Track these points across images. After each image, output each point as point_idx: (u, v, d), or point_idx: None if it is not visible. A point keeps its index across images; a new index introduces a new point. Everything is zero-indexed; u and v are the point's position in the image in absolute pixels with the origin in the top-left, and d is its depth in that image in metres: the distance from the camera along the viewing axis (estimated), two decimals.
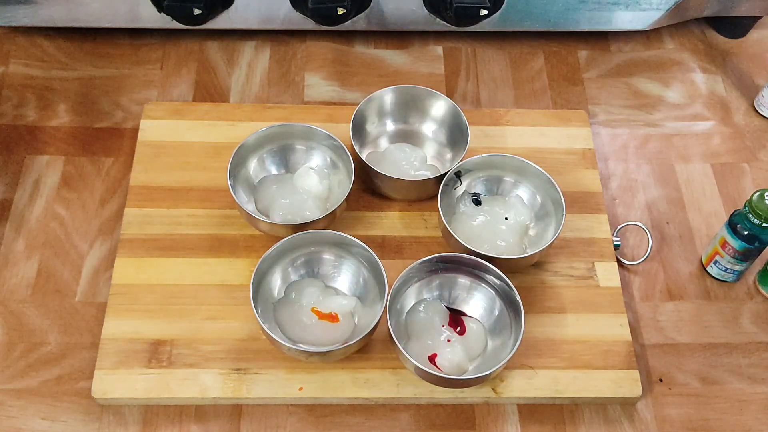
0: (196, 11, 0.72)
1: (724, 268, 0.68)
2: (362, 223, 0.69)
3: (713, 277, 0.70)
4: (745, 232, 0.65)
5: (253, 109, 0.75)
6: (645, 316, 0.68)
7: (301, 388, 0.61)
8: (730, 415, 0.63)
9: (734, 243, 0.66)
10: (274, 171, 0.70)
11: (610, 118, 0.80)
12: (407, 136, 0.74)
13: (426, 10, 0.77)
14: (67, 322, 0.64)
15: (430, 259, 0.62)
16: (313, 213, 0.66)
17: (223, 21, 0.77)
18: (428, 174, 0.70)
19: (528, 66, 0.83)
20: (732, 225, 0.66)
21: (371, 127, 0.73)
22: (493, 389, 0.61)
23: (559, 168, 0.72)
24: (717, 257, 0.68)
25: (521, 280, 0.66)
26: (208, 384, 0.60)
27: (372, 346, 0.62)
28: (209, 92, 0.78)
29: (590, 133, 0.75)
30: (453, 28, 0.78)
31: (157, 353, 0.61)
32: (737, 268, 0.68)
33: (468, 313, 0.64)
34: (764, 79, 0.83)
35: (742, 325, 0.68)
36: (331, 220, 0.65)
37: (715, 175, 0.77)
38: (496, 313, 0.63)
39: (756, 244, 0.65)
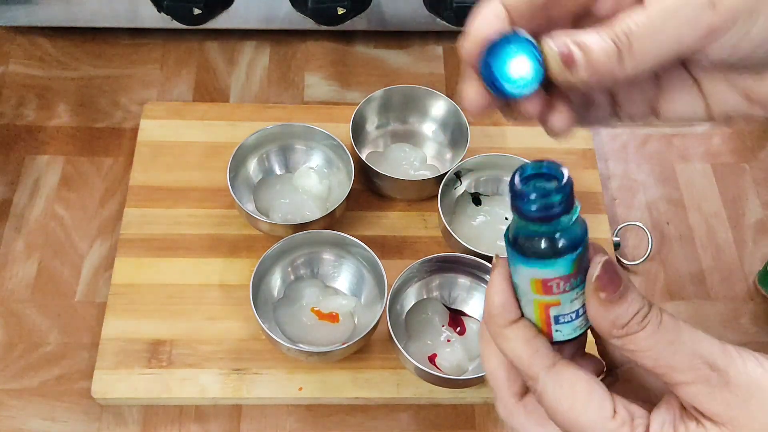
0: (196, 11, 0.72)
1: None
2: (362, 223, 0.69)
3: None
4: None
5: (253, 109, 0.75)
6: None
7: (301, 388, 0.61)
8: None
9: None
10: (274, 171, 0.70)
11: None
12: (407, 136, 0.74)
13: (426, 10, 0.77)
14: (67, 322, 0.64)
15: (430, 259, 0.62)
16: (313, 213, 0.66)
17: (223, 21, 0.77)
18: (428, 174, 0.70)
19: None
20: None
21: (371, 127, 0.73)
22: None
23: None
24: None
25: None
26: (208, 384, 0.60)
27: (372, 346, 0.62)
28: (209, 92, 0.78)
29: (590, 133, 0.75)
30: (453, 28, 0.78)
31: (156, 353, 0.61)
32: None
33: (468, 313, 0.64)
34: None
35: (742, 325, 0.68)
36: (331, 220, 0.65)
37: (715, 175, 0.77)
38: None
39: None
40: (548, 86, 0.34)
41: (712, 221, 0.74)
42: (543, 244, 0.32)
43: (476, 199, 0.70)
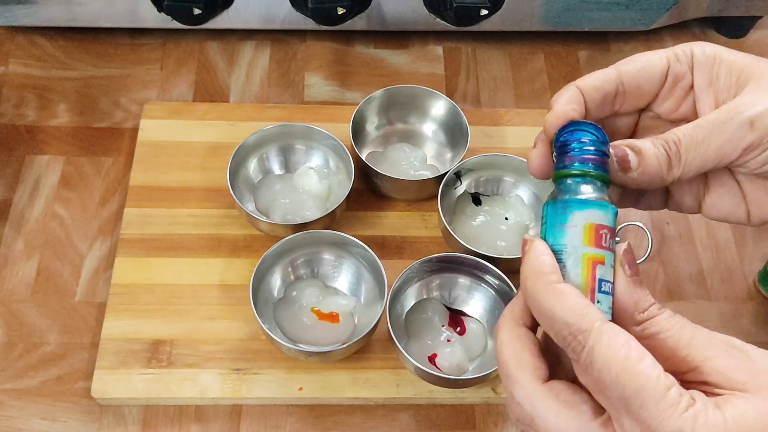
0: (196, 11, 0.72)
1: None
2: (362, 223, 0.69)
3: None
4: None
5: (253, 109, 0.75)
6: None
7: (301, 388, 0.61)
8: None
9: None
10: (274, 171, 0.70)
11: None
12: (407, 136, 0.74)
13: (426, 10, 0.77)
14: (67, 322, 0.64)
15: (430, 259, 0.62)
16: (313, 213, 0.66)
17: (223, 21, 0.77)
18: (428, 174, 0.70)
19: (528, 66, 0.83)
20: None
21: (371, 127, 0.73)
22: (493, 389, 0.61)
23: None
24: None
25: None
26: (207, 384, 0.60)
27: (372, 346, 0.62)
28: (209, 92, 0.78)
29: None
30: (453, 28, 0.78)
31: (156, 353, 0.61)
32: None
33: (468, 313, 0.64)
34: None
35: (742, 325, 0.68)
36: (331, 220, 0.65)
37: None
38: (496, 313, 0.63)
39: None
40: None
41: (712, 221, 0.73)
42: (600, 183, 0.38)
43: (476, 199, 0.70)
